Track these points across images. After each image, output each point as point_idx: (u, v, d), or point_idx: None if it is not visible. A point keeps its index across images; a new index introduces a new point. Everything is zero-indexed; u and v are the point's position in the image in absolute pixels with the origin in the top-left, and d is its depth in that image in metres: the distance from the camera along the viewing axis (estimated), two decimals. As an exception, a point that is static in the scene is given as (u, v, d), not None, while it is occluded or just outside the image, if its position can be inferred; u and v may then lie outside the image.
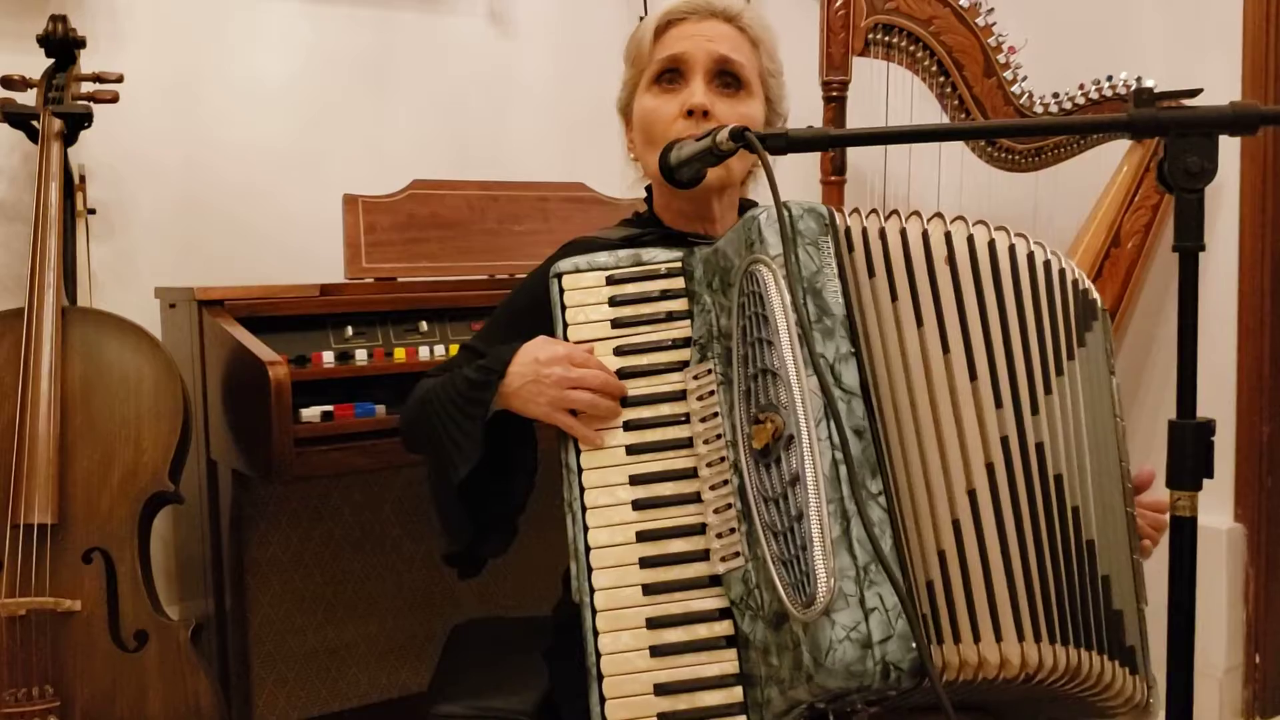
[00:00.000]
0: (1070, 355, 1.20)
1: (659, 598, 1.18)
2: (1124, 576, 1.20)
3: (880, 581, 1.05)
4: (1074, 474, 1.18)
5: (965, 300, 1.18)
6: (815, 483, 1.07)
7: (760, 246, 1.16)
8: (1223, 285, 2.45)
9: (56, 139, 2.01)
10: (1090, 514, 1.18)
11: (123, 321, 1.94)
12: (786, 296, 1.12)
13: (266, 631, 2.29)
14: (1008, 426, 1.16)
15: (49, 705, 1.76)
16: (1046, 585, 1.13)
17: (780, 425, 1.11)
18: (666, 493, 1.21)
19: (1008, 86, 2.37)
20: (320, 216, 2.38)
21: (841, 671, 1.03)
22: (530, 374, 1.26)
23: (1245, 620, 2.48)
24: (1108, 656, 1.16)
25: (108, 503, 1.85)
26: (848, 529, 1.06)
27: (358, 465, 1.91)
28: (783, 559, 1.08)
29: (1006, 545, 1.13)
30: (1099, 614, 1.16)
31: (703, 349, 1.24)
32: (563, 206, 2.38)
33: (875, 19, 2.33)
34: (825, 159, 2.40)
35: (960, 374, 1.16)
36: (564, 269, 1.30)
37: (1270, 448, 2.47)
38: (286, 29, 2.54)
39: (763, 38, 1.47)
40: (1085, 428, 1.20)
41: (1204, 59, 2.45)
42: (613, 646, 1.17)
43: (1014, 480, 1.15)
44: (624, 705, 1.15)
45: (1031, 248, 1.22)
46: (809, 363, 1.10)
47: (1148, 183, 2.45)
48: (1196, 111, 1.04)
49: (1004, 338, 1.18)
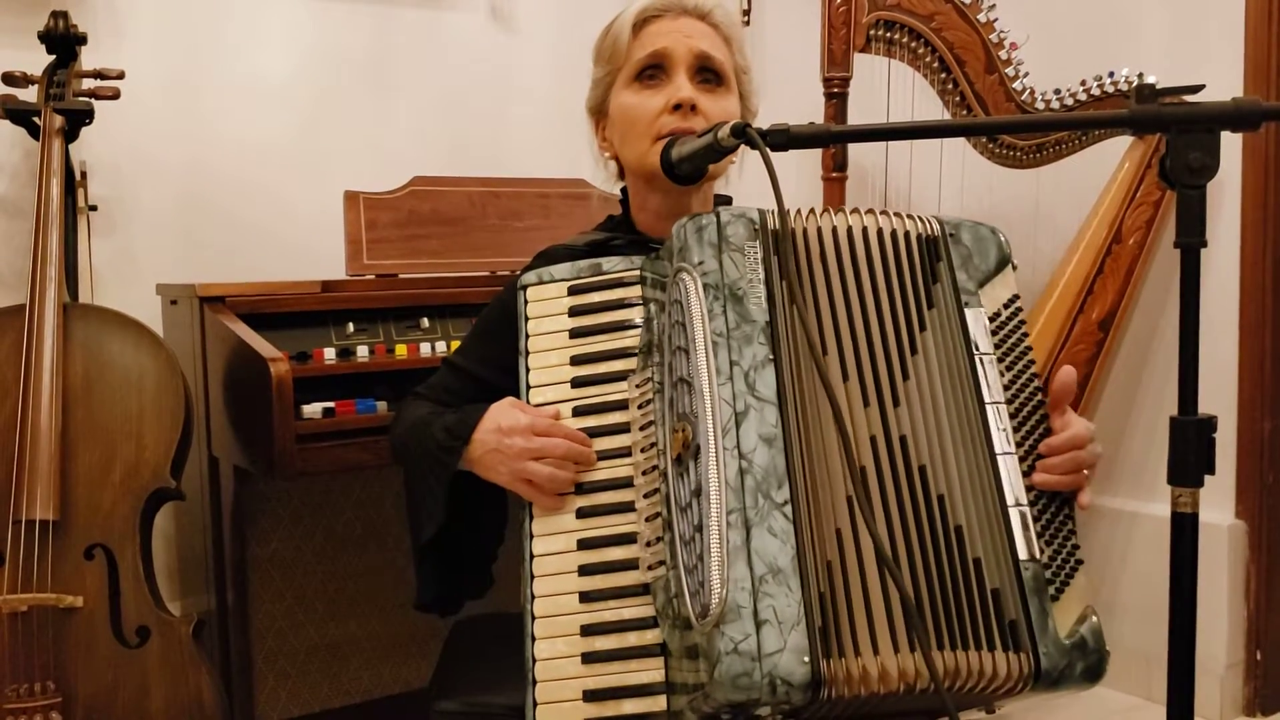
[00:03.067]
0: (923, 326, 1.19)
1: (595, 605, 1.18)
2: (998, 547, 1.14)
3: (775, 593, 1.03)
4: (936, 458, 1.15)
5: (834, 296, 1.17)
6: (717, 492, 1.06)
7: (684, 254, 1.16)
8: (1224, 281, 2.45)
9: (58, 135, 2.01)
10: (957, 496, 1.14)
11: (124, 318, 1.94)
12: (705, 305, 1.13)
13: (268, 627, 2.29)
14: (874, 425, 1.14)
15: (51, 701, 1.76)
16: (918, 587, 1.10)
17: (689, 435, 1.11)
18: (606, 501, 1.21)
19: (1009, 83, 2.37)
20: (321, 213, 2.38)
21: (728, 684, 1.01)
22: (493, 443, 1.27)
23: (1246, 617, 2.48)
24: (985, 648, 1.10)
25: (109, 499, 1.85)
26: (747, 539, 1.05)
27: (359, 461, 1.91)
28: (688, 568, 1.08)
29: (880, 551, 1.09)
30: (973, 603, 1.11)
31: (645, 357, 1.24)
32: (563, 202, 2.38)
33: (877, 15, 2.33)
34: (826, 155, 2.40)
35: (838, 375, 1.15)
36: (529, 281, 1.32)
37: (1271, 444, 2.47)
38: (288, 25, 2.54)
39: (734, 35, 1.48)
40: (944, 396, 1.17)
41: (1206, 55, 2.45)
42: (548, 653, 1.18)
43: (883, 481, 1.12)
44: (553, 710, 1.16)
45: (879, 222, 1.21)
46: (724, 371, 1.10)
47: (1149, 179, 2.45)
48: (1198, 107, 1.04)
49: (865, 330, 1.17)
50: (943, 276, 1.22)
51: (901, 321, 1.18)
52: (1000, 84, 2.36)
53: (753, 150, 1.18)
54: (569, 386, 1.26)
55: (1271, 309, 2.44)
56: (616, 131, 1.48)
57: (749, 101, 1.52)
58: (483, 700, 1.39)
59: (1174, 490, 1.05)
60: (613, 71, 1.47)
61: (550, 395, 1.27)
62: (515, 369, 1.31)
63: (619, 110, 1.46)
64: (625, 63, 1.45)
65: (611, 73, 1.48)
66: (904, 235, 1.22)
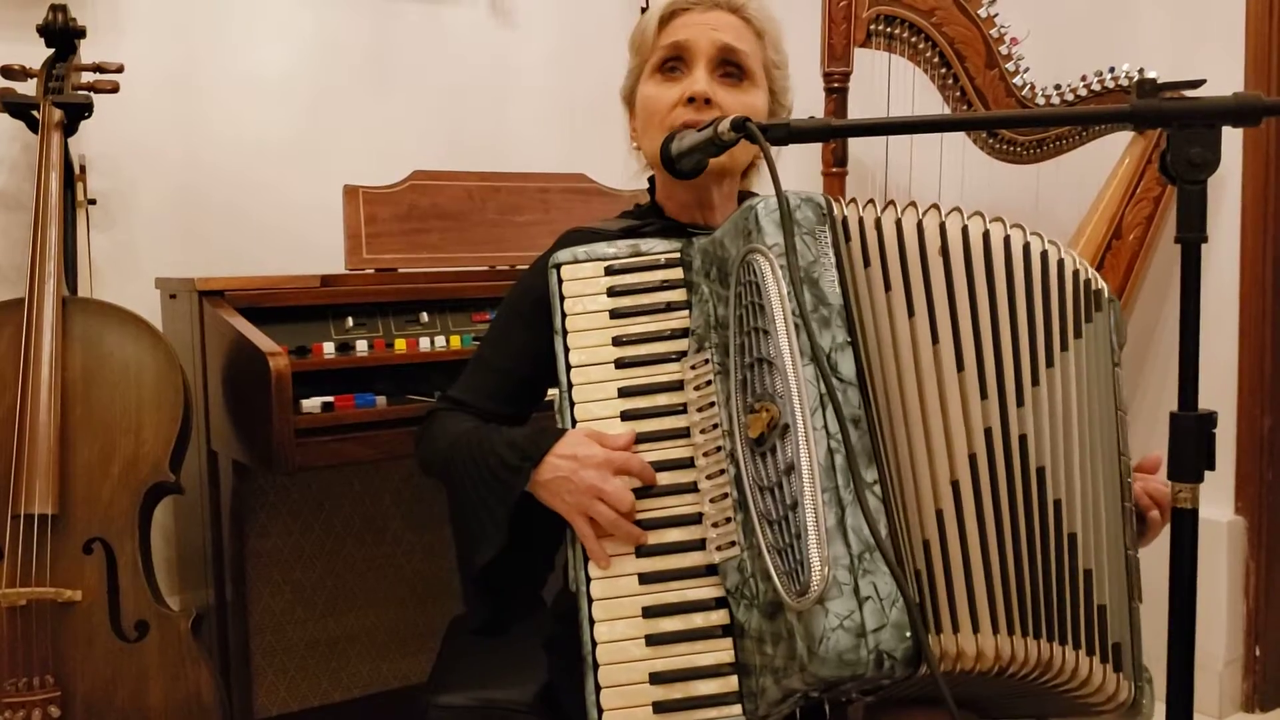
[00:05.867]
0: (1064, 347, 1.19)
1: (655, 586, 1.18)
2: (1111, 572, 1.18)
3: (874, 570, 1.04)
4: (1059, 467, 1.16)
5: (956, 291, 1.17)
6: (810, 471, 1.06)
7: (757, 236, 1.15)
8: (1224, 277, 2.45)
9: (57, 129, 2.00)
10: (1075, 507, 1.16)
11: (123, 312, 1.94)
12: (784, 286, 1.12)
13: (267, 622, 2.29)
14: (992, 418, 1.15)
15: (50, 695, 1.76)
16: (1022, 578, 1.12)
17: (776, 414, 1.10)
18: (663, 482, 1.21)
19: (1009, 78, 2.36)
20: (321, 207, 2.38)
21: (835, 660, 1.02)
22: (566, 469, 1.21)
23: (1245, 613, 2.49)
24: (1085, 652, 1.14)
25: (108, 493, 1.85)
26: (842, 518, 1.06)
27: (358, 456, 1.91)
28: (777, 548, 1.08)
29: (985, 537, 1.12)
30: (1078, 609, 1.14)
31: (700, 339, 1.23)
32: (564, 197, 2.38)
33: (877, 10, 2.33)
34: (827, 150, 2.40)
35: (948, 364, 1.15)
36: (563, 259, 1.30)
37: (1271, 440, 2.47)
38: (287, 19, 2.53)
39: (767, 29, 1.47)
40: (1077, 420, 1.18)
41: (1206, 50, 2.45)
42: (609, 635, 1.17)
43: (995, 472, 1.14)
44: (619, 694, 1.15)
45: (1028, 238, 1.22)
46: (805, 352, 1.10)
47: (1150, 174, 2.45)
48: (1199, 102, 1.03)
49: (993, 329, 1.17)
50: (1098, 322, 1.22)
51: (1040, 336, 1.18)
52: (1001, 79, 2.36)
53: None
54: (613, 367, 1.25)
55: (1271, 305, 2.44)
56: (640, 123, 1.48)
57: (781, 97, 1.50)
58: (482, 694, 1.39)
59: (1174, 486, 1.05)
60: (641, 62, 1.48)
61: (594, 375, 1.26)
62: (550, 356, 1.28)
63: (640, 100, 1.47)
64: (650, 53, 1.45)
65: (640, 63, 1.48)
66: (1057, 262, 1.21)
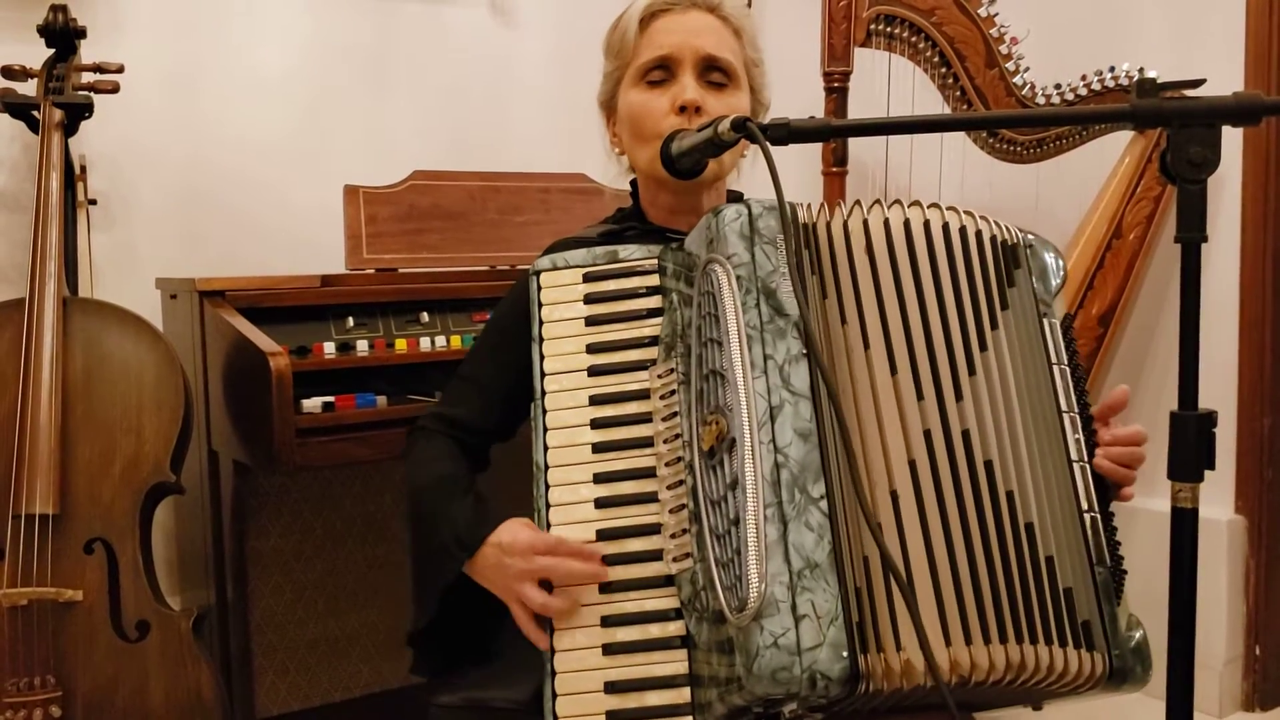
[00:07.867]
0: (994, 325, 1.17)
1: (615, 596, 1.17)
2: (1070, 545, 1.15)
3: (814, 588, 1.03)
4: (1006, 456, 1.14)
5: (883, 290, 1.16)
6: (754, 486, 1.06)
7: (719, 245, 1.15)
8: (1224, 277, 2.45)
9: (57, 129, 2.00)
10: (1029, 494, 1.14)
11: (124, 312, 1.94)
12: (739, 297, 1.11)
13: (268, 621, 2.29)
14: (931, 419, 1.13)
15: (51, 695, 1.76)
16: (979, 583, 1.09)
17: (724, 427, 1.10)
18: (627, 491, 1.20)
19: (1009, 78, 2.36)
20: (321, 207, 2.38)
21: (768, 678, 1.01)
22: (493, 558, 1.24)
23: (1245, 612, 2.48)
24: (1058, 644, 1.11)
25: (109, 493, 1.85)
26: (784, 534, 1.04)
27: (358, 456, 1.91)
28: (722, 562, 1.08)
29: (931, 546, 1.09)
30: (1044, 600, 1.12)
31: (668, 348, 1.22)
32: (564, 197, 2.38)
33: (877, 10, 2.33)
34: (827, 150, 2.40)
35: (881, 369, 1.14)
36: (543, 266, 1.30)
37: (1271, 440, 2.47)
38: (287, 19, 2.53)
39: (744, 25, 1.46)
40: (1017, 401, 1.16)
41: (1206, 50, 2.45)
42: (567, 643, 1.17)
43: (939, 475, 1.11)
44: (574, 702, 1.15)
45: (946, 217, 1.19)
46: (758, 365, 1.09)
47: (1150, 174, 2.44)
48: (1199, 102, 1.03)
49: (923, 323, 1.15)
50: (1019, 283, 1.21)
51: (970, 319, 1.17)
52: (1001, 79, 2.36)
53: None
54: (585, 375, 1.25)
55: (1272, 304, 2.44)
56: (625, 130, 1.47)
57: (760, 95, 1.50)
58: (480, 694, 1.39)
59: (1174, 485, 1.05)
60: (621, 67, 1.46)
61: (567, 383, 1.26)
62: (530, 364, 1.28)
63: (626, 109, 1.45)
64: (633, 59, 1.44)
65: (620, 68, 1.47)
66: (975, 234, 1.20)
